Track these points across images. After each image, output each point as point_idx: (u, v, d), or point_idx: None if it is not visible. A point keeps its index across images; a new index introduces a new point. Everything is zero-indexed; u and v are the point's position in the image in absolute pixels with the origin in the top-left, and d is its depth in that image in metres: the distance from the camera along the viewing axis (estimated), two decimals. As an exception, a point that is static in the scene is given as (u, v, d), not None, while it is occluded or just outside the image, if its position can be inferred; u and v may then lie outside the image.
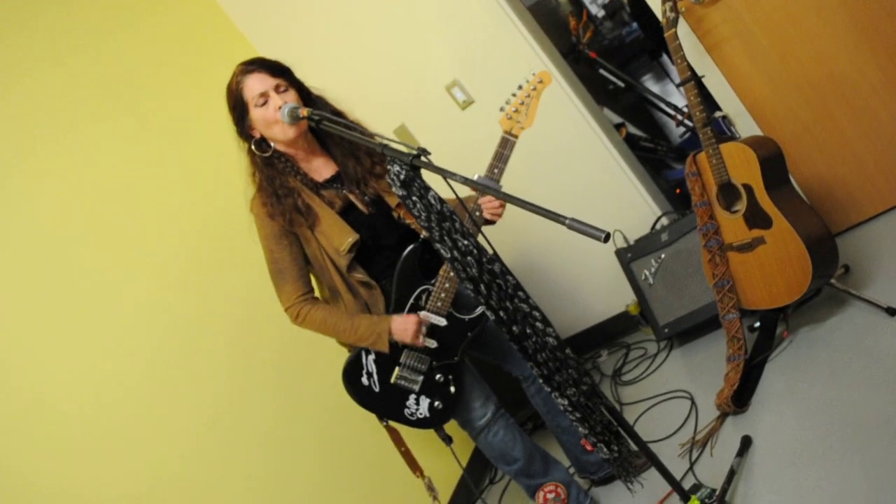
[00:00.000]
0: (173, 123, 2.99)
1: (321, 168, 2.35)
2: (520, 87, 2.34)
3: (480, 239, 1.85)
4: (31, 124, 2.47)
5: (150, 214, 2.72)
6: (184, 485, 2.37)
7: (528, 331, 1.69)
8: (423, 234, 2.32)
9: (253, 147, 2.25)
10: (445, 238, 1.63)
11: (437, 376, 2.34)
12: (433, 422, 2.38)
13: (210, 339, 2.69)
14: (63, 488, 2.07)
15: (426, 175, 1.67)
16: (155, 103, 2.96)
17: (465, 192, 1.93)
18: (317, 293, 2.39)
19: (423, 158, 1.59)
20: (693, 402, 2.80)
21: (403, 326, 2.22)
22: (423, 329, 2.26)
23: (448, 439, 2.43)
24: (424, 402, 2.35)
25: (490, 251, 1.71)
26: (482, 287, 1.65)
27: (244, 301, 2.86)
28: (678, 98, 3.96)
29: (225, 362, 2.70)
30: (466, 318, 2.35)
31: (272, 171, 2.26)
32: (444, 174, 1.51)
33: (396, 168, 1.58)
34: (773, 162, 2.48)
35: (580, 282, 3.64)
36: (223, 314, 2.79)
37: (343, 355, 2.38)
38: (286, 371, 2.91)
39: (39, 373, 2.17)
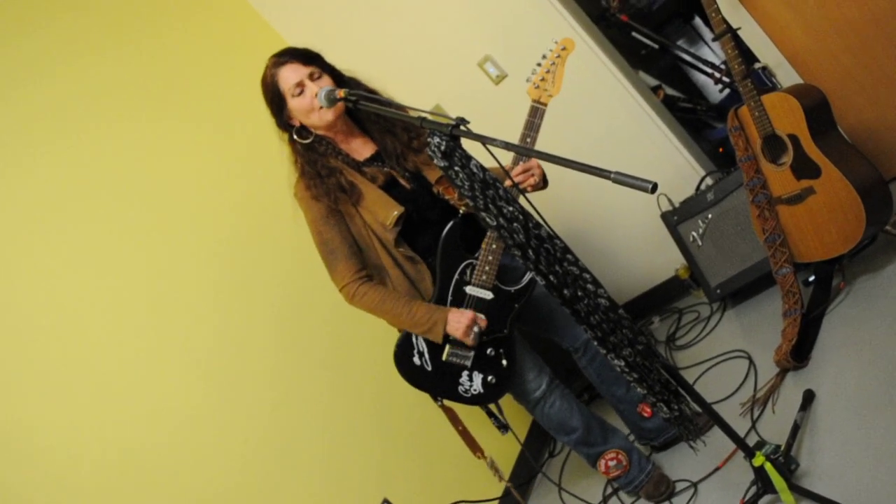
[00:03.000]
0: (203, 117, 3.01)
1: (361, 148, 2.37)
2: (544, 56, 2.32)
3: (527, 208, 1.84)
4: (61, 125, 2.48)
5: (184, 199, 2.74)
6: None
7: (579, 293, 1.68)
8: (463, 208, 2.32)
9: (294, 135, 2.29)
10: (490, 206, 1.62)
11: (489, 350, 2.34)
12: (488, 397, 2.39)
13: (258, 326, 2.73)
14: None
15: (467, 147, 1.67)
16: (184, 98, 2.98)
17: (505, 162, 1.92)
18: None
19: (461, 128, 1.59)
20: (751, 361, 2.76)
21: (458, 318, 2.24)
22: (476, 329, 2.26)
23: (505, 428, 2.43)
24: (478, 377, 2.35)
25: (536, 217, 1.70)
26: (530, 252, 1.65)
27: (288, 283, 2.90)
28: (714, 59, 3.88)
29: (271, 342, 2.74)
30: (512, 289, 2.34)
31: (313, 154, 2.29)
32: (484, 140, 1.51)
33: (437, 139, 1.58)
34: (817, 109, 2.43)
35: (627, 249, 3.61)
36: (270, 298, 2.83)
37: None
38: (339, 351, 2.94)
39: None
